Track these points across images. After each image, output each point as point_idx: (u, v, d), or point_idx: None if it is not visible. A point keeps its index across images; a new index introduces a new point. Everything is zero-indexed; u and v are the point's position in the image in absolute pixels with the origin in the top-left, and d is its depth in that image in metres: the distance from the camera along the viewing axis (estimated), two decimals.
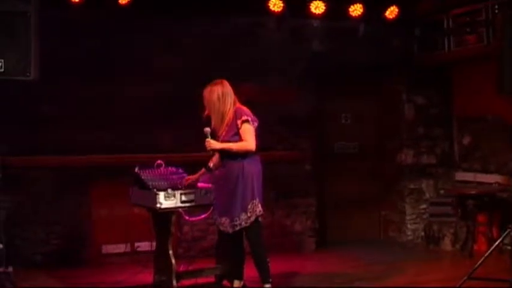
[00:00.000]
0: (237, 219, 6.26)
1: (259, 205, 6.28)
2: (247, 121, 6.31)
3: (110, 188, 8.14)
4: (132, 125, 8.36)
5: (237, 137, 6.29)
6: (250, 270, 6.63)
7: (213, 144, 6.26)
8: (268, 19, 8.86)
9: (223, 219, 6.35)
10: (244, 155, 6.27)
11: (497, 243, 6.81)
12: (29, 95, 7.63)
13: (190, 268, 6.96)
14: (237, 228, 6.28)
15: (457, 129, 9.97)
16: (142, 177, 6.54)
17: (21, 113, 7.89)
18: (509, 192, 8.77)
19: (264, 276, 6.34)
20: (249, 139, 6.28)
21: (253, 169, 6.31)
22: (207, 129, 6.32)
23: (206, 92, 6.43)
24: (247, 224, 6.26)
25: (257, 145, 6.31)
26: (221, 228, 6.44)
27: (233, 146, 6.26)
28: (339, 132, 9.97)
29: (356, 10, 9.01)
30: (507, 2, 7.90)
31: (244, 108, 6.41)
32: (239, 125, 6.31)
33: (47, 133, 8.06)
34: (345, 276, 7.64)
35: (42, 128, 8.05)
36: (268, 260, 6.34)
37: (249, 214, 6.23)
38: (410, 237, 9.84)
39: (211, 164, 6.43)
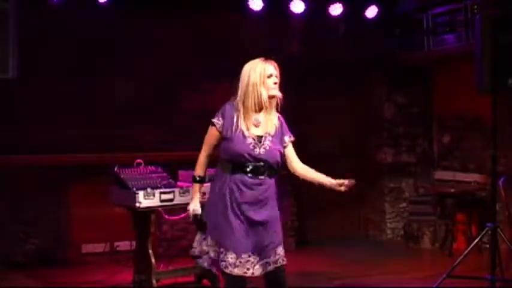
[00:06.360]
0: (273, 254, 4.49)
1: None
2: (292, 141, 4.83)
3: (89, 188, 8.10)
4: (112, 124, 8.33)
5: (280, 156, 4.76)
6: None
7: None
8: (248, 17, 8.84)
9: (246, 256, 4.42)
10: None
11: (475, 241, 6.83)
12: (7, 94, 7.59)
13: (170, 267, 6.94)
14: (270, 267, 4.46)
15: (436, 128, 10.01)
16: (122, 176, 6.51)
17: None
18: (487, 191, 8.81)
19: None
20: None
21: None
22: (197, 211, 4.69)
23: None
24: (284, 262, 4.55)
25: None
26: (241, 272, 4.39)
27: None
28: (319, 132, 9.94)
29: (336, 9, 9.02)
30: (486, 1, 7.95)
31: None
32: (286, 143, 4.86)
33: (26, 132, 7.99)
34: (325, 275, 7.67)
35: (20, 127, 7.98)
36: None
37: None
38: (390, 236, 9.88)
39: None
